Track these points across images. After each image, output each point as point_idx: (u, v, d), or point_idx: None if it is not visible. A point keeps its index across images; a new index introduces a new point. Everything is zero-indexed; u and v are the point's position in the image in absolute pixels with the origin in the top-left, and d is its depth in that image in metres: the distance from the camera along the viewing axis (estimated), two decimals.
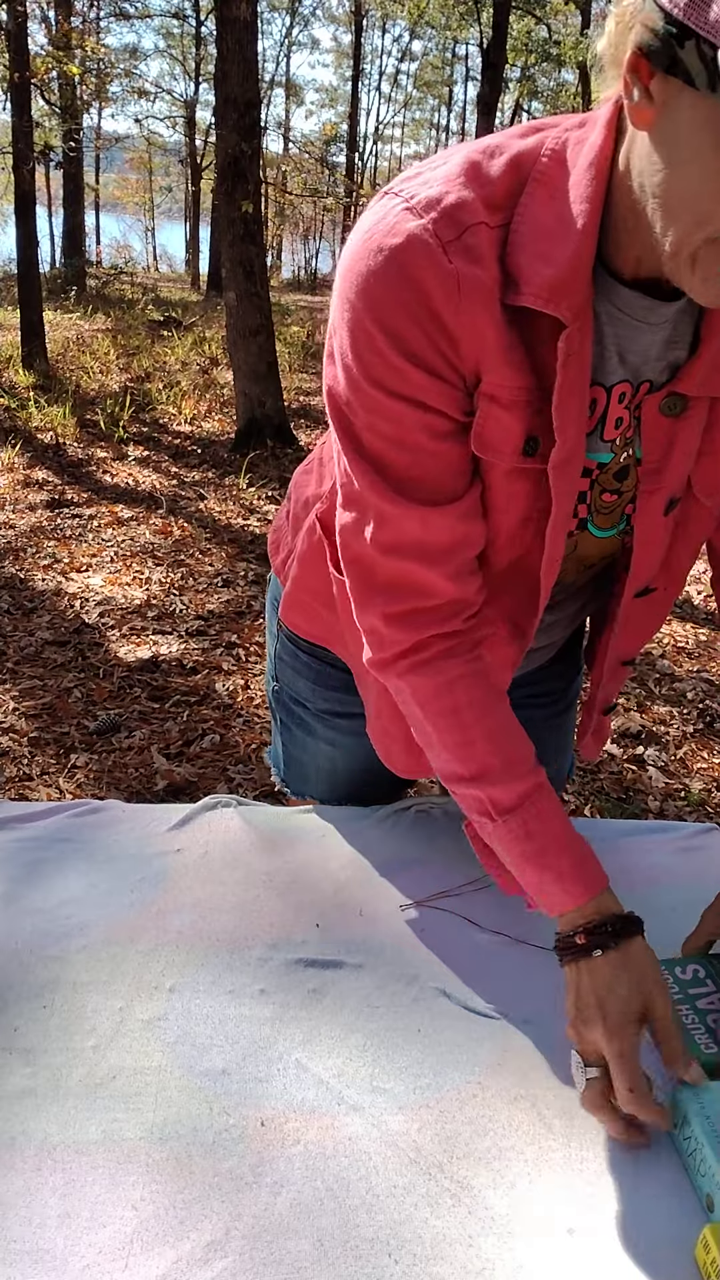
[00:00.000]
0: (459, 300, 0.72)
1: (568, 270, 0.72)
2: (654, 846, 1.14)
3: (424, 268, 0.72)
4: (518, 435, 0.79)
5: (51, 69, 9.41)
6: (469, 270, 0.72)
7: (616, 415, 0.83)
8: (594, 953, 0.82)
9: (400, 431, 0.79)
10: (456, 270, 0.72)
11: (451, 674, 0.87)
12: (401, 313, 0.73)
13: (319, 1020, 0.88)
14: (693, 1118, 0.75)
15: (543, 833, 0.86)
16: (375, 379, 0.77)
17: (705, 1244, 0.68)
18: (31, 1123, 0.78)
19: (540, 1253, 0.69)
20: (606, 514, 0.90)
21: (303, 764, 1.26)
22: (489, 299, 0.73)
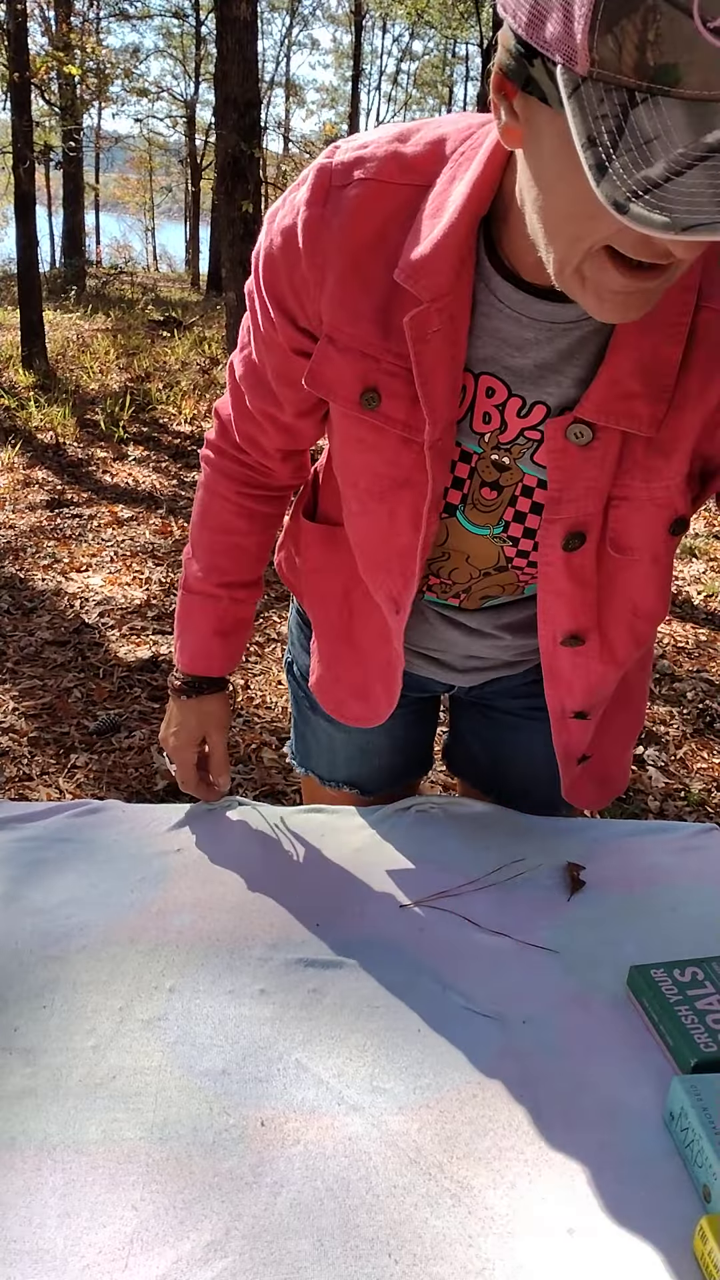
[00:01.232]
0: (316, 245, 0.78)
1: (432, 252, 0.74)
2: (654, 846, 1.14)
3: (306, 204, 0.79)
4: (352, 383, 0.83)
5: (51, 69, 9.41)
6: (335, 220, 0.77)
7: (484, 409, 0.83)
8: (181, 696, 1.15)
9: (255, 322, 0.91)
10: (322, 216, 0.78)
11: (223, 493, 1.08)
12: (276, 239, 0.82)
13: (319, 1020, 0.88)
14: (689, 1109, 0.76)
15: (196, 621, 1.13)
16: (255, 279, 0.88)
17: (702, 1234, 0.68)
18: (31, 1123, 0.78)
19: (540, 1253, 0.69)
20: (484, 510, 0.90)
21: (305, 738, 1.29)
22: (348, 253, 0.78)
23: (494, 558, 0.95)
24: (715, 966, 0.92)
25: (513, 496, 0.88)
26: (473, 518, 0.91)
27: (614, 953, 0.97)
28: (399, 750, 1.26)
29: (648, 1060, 0.85)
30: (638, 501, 0.84)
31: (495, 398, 0.82)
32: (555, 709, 1.04)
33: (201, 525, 1.11)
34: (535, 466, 0.86)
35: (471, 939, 0.98)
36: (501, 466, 0.87)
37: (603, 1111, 0.80)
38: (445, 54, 28.72)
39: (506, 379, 0.81)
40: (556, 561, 0.89)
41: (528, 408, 0.82)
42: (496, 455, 0.86)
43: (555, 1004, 0.91)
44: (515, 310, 0.78)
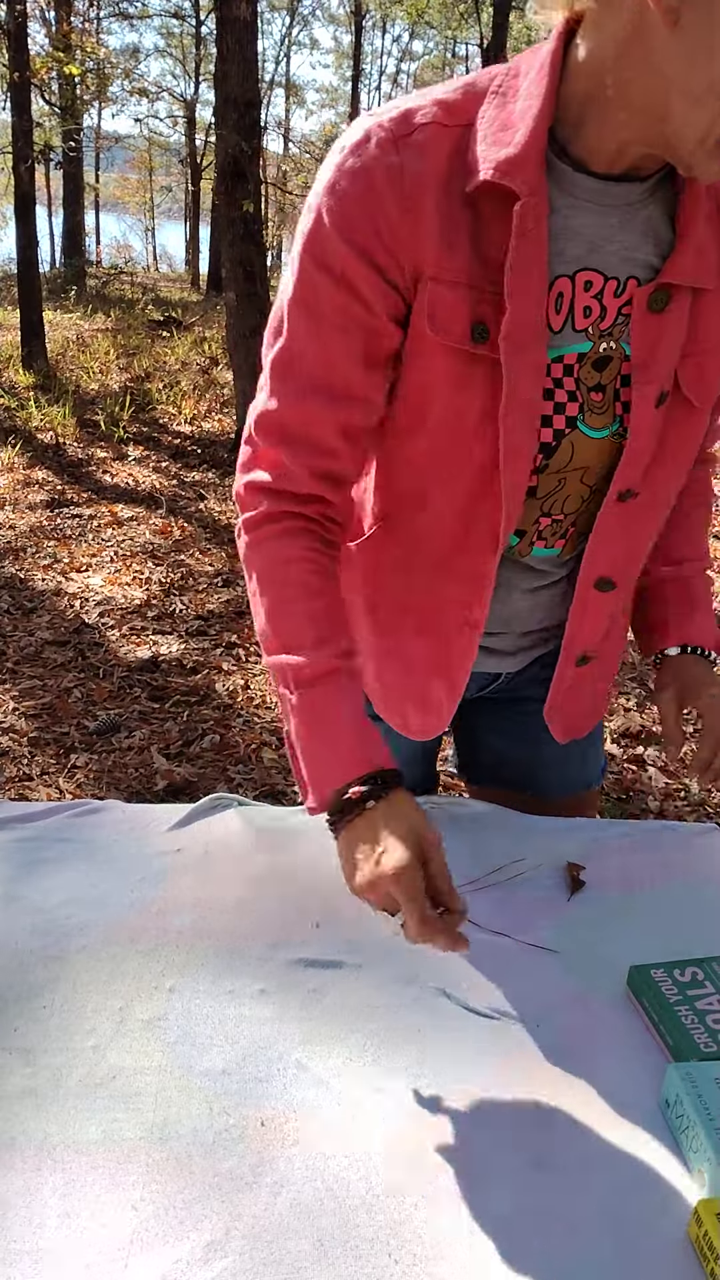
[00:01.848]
0: (402, 191, 0.80)
1: (520, 152, 0.79)
2: (654, 846, 1.14)
3: (373, 159, 0.80)
4: (464, 317, 0.83)
5: (51, 69, 9.41)
6: (413, 162, 0.80)
7: (584, 304, 0.86)
8: (367, 804, 0.82)
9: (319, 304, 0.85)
10: (401, 163, 0.79)
11: (295, 553, 0.91)
12: (349, 198, 0.81)
13: (319, 1020, 0.88)
14: (685, 1096, 0.76)
15: (333, 712, 0.86)
16: (315, 255, 0.84)
17: (697, 1219, 0.69)
18: (31, 1123, 0.78)
19: (540, 1253, 0.69)
20: (599, 413, 0.91)
21: None
22: (433, 189, 0.80)
23: (609, 463, 0.95)
24: (715, 966, 0.92)
25: (616, 391, 0.91)
26: (592, 423, 0.92)
27: (614, 953, 0.97)
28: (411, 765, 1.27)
29: (648, 1060, 0.85)
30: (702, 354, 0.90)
31: (593, 289, 0.86)
32: (585, 576, 1.02)
33: (281, 604, 0.90)
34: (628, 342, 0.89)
35: (471, 939, 0.98)
36: (602, 364, 0.89)
37: (602, 1111, 0.80)
38: (445, 54, 28.70)
39: (600, 267, 0.85)
40: (647, 417, 0.91)
41: (622, 286, 0.86)
42: (605, 346, 0.88)
43: (555, 1004, 0.91)
44: (594, 200, 0.83)
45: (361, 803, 0.83)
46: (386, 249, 0.82)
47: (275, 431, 0.90)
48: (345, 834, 0.84)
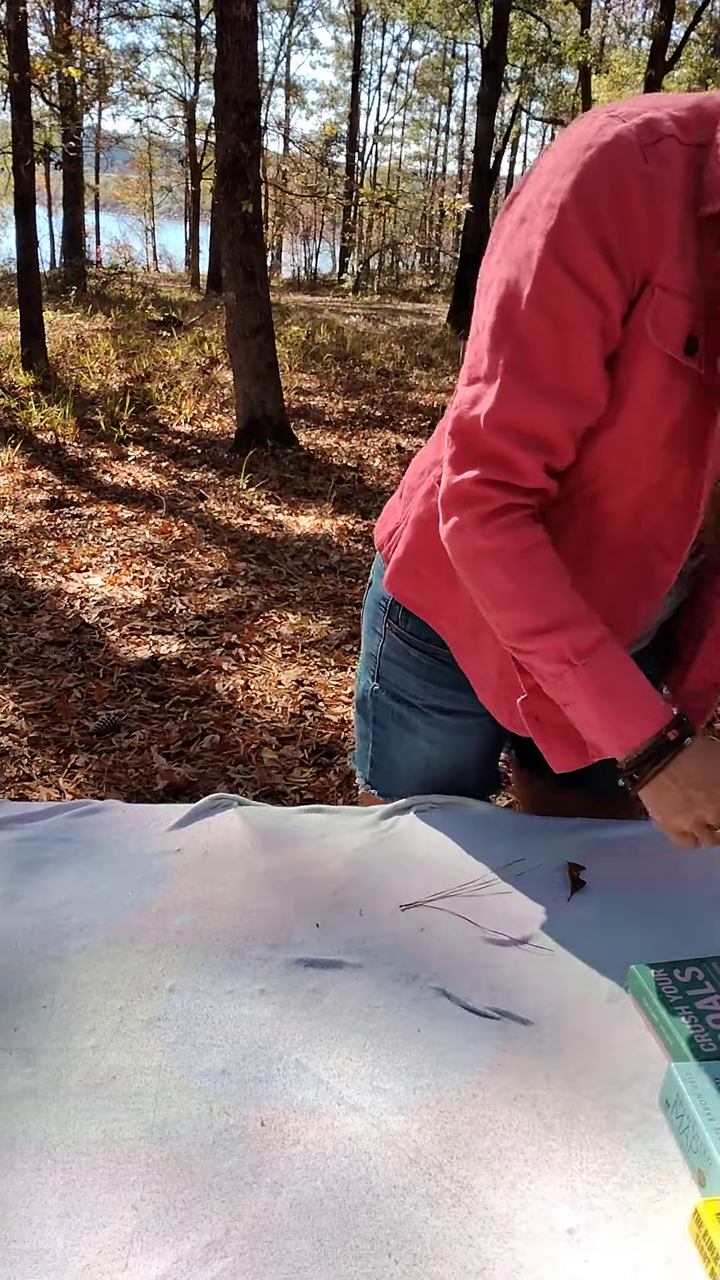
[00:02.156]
0: (650, 198, 0.81)
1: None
2: (654, 846, 1.14)
3: (625, 164, 0.81)
4: (683, 328, 0.85)
5: (51, 69, 9.41)
6: (661, 172, 0.81)
7: None
8: (685, 741, 0.92)
9: (561, 308, 0.86)
10: (651, 172, 0.81)
11: (536, 538, 0.94)
12: (600, 200, 0.82)
13: (319, 1020, 0.88)
14: (686, 1095, 0.76)
15: (621, 669, 0.93)
16: (559, 254, 0.84)
17: (697, 1218, 0.69)
18: (31, 1123, 0.78)
19: (540, 1253, 0.69)
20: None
21: (395, 763, 1.27)
22: (676, 201, 0.82)
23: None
24: (715, 966, 0.92)
25: None
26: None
27: (614, 953, 0.97)
28: (483, 764, 1.26)
29: (647, 1060, 0.85)
30: None
31: None
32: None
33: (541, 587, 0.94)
34: None
35: (471, 939, 0.98)
36: None
37: (602, 1111, 0.80)
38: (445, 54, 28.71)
39: None
40: None
41: None
42: None
43: (555, 1004, 0.91)
44: None
45: (679, 742, 0.92)
46: (628, 254, 0.83)
47: (507, 430, 0.91)
48: (666, 776, 0.92)
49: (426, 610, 1.15)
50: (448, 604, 1.12)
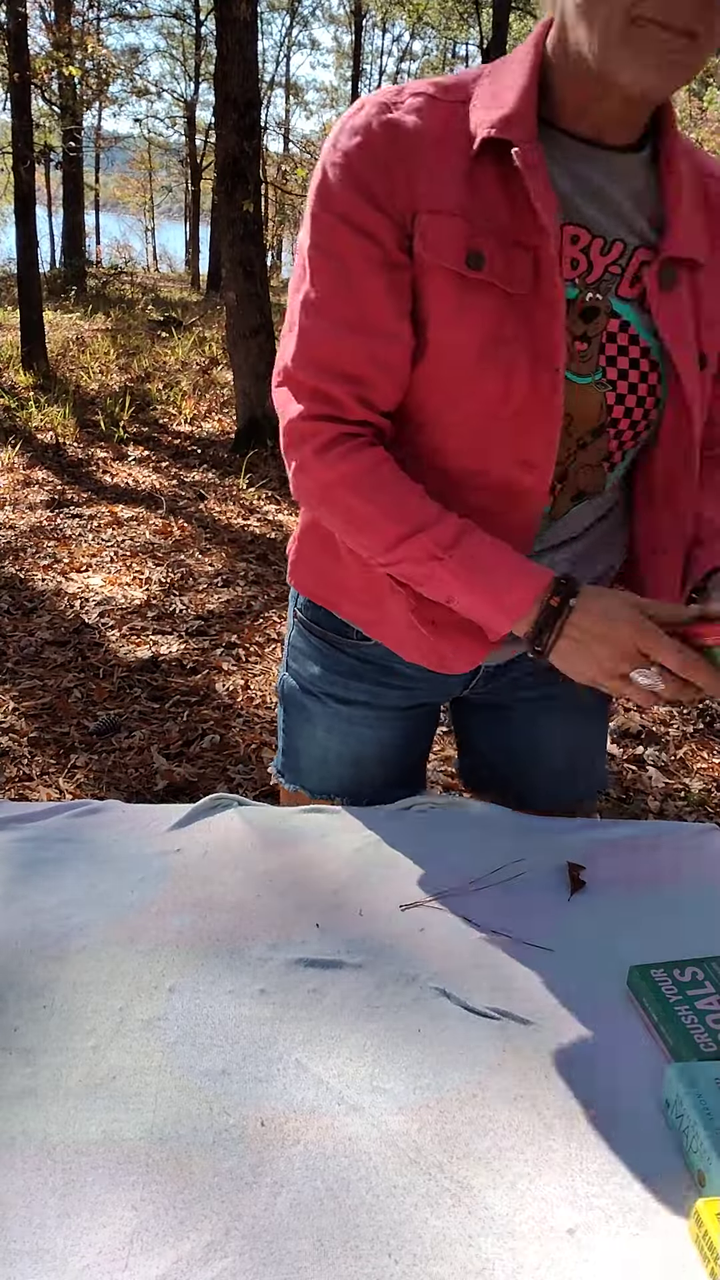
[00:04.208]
0: (397, 139, 0.90)
1: (514, 110, 0.89)
2: (654, 846, 1.14)
3: (370, 118, 0.91)
4: (459, 243, 0.90)
5: (52, 69, 9.41)
6: (407, 117, 0.90)
7: (571, 256, 0.93)
8: (570, 601, 0.93)
9: (339, 249, 0.93)
10: (396, 118, 0.90)
11: (377, 457, 0.98)
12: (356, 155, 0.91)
13: (319, 1020, 0.88)
14: (685, 1096, 0.76)
15: (488, 550, 0.96)
16: (328, 204, 0.93)
17: (697, 1219, 0.69)
18: (31, 1123, 0.78)
19: (540, 1253, 0.69)
20: (583, 360, 0.97)
21: (299, 752, 1.28)
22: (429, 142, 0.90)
23: (596, 413, 0.99)
24: (715, 966, 0.92)
25: (601, 345, 0.96)
26: (575, 369, 0.96)
27: (614, 953, 0.97)
28: (392, 763, 1.26)
29: (647, 1060, 0.85)
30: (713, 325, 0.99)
31: (579, 243, 0.93)
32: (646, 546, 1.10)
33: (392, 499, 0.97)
34: (620, 302, 0.95)
35: (471, 939, 0.99)
36: (590, 315, 0.95)
37: (603, 1111, 0.80)
38: (445, 54, 28.70)
39: (586, 224, 0.93)
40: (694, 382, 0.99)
41: (608, 246, 0.94)
42: (591, 297, 0.94)
43: (555, 1004, 0.91)
44: (578, 161, 0.92)
45: (565, 603, 0.93)
46: (388, 191, 0.90)
47: (313, 366, 0.96)
48: (565, 639, 0.94)
49: (330, 599, 1.15)
50: (347, 588, 1.12)
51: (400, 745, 1.25)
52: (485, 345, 0.93)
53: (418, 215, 0.90)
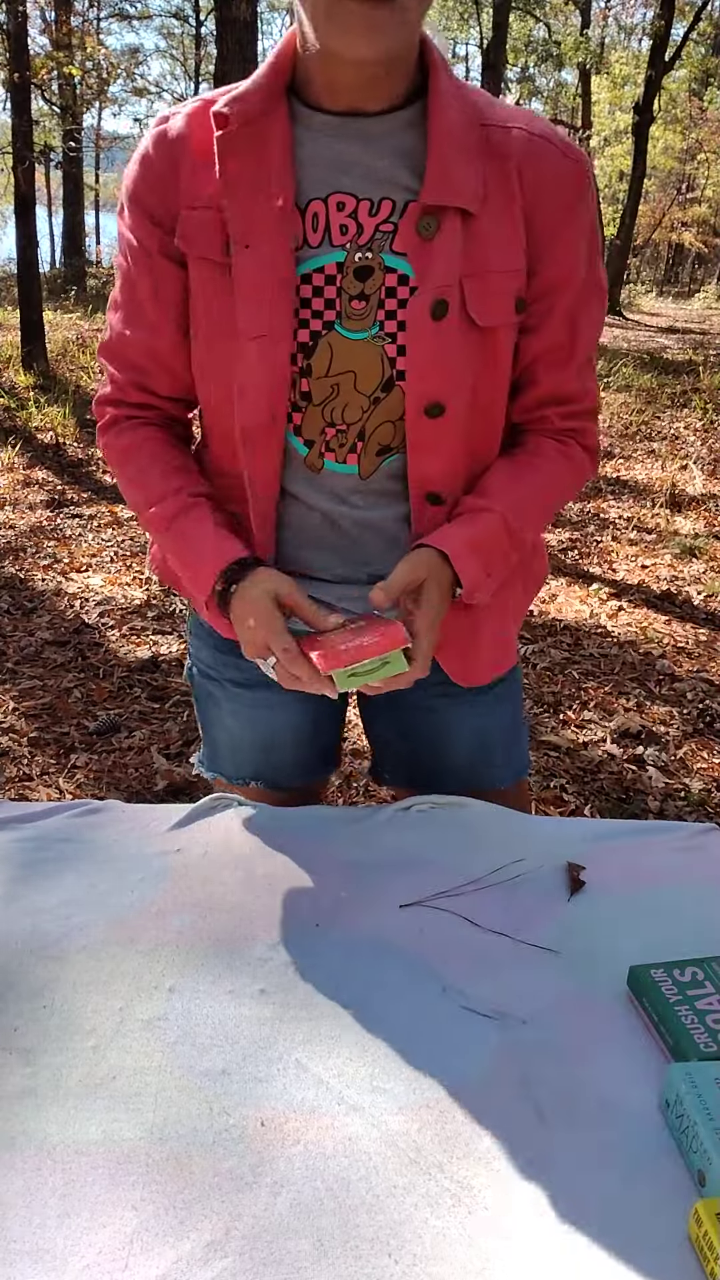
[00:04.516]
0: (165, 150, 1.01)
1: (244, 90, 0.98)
2: (654, 846, 1.14)
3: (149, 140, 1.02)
4: (214, 235, 0.99)
5: (52, 70, 9.41)
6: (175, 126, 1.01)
7: (340, 222, 0.98)
8: (232, 588, 1.02)
9: (126, 254, 1.06)
10: (163, 131, 1.01)
11: (143, 437, 1.11)
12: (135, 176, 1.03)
13: (319, 1020, 0.88)
14: (685, 1095, 0.76)
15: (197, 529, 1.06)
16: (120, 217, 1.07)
17: (697, 1218, 0.69)
18: (31, 1123, 0.78)
19: (540, 1253, 0.69)
20: (358, 318, 1.00)
21: (215, 740, 1.30)
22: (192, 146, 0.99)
23: (378, 369, 1.01)
24: (715, 966, 0.92)
25: (380, 300, 1.00)
26: (349, 326, 1.00)
27: (614, 953, 0.97)
28: (302, 744, 1.27)
29: (647, 1060, 0.85)
30: (486, 276, 0.98)
31: (346, 209, 0.98)
32: (416, 492, 1.07)
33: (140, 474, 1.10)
34: (395, 257, 0.98)
35: (471, 939, 0.99)
36: (364, 274, 0.99)
37: (602, 1111, 0.80)
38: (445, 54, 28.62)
39: (351, 189, 0.98)
40: (425, 332, 0.99)
41: (376, 206, 0.98)
42: (361, 256, 0.99)
43: (555, 1004, 0.91)
44: (334, 133, 0.97)
45: (227, 591, 1.02)
46: (159, 199, 1.01)
47: (107, 355, 1.12)
48: (230, 616, 1.03)
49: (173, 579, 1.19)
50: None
51: (308, 728, 1.26)
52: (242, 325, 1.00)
53: (179, 214, 1.00)
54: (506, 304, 1.00)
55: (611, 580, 4.31)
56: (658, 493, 5.68)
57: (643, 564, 4.54)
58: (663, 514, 5.33)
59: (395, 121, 0.98)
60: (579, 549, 4.74)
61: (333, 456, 1.06)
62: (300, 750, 1.27)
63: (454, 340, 0.99)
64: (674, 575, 4.39)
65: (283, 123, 0.98)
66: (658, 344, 13.18)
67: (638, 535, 4.97)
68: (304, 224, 0.99)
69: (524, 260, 1.00)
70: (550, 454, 1.10)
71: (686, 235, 30.29)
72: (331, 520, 1.09)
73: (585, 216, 1.01)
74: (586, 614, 3.88)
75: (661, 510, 5.39)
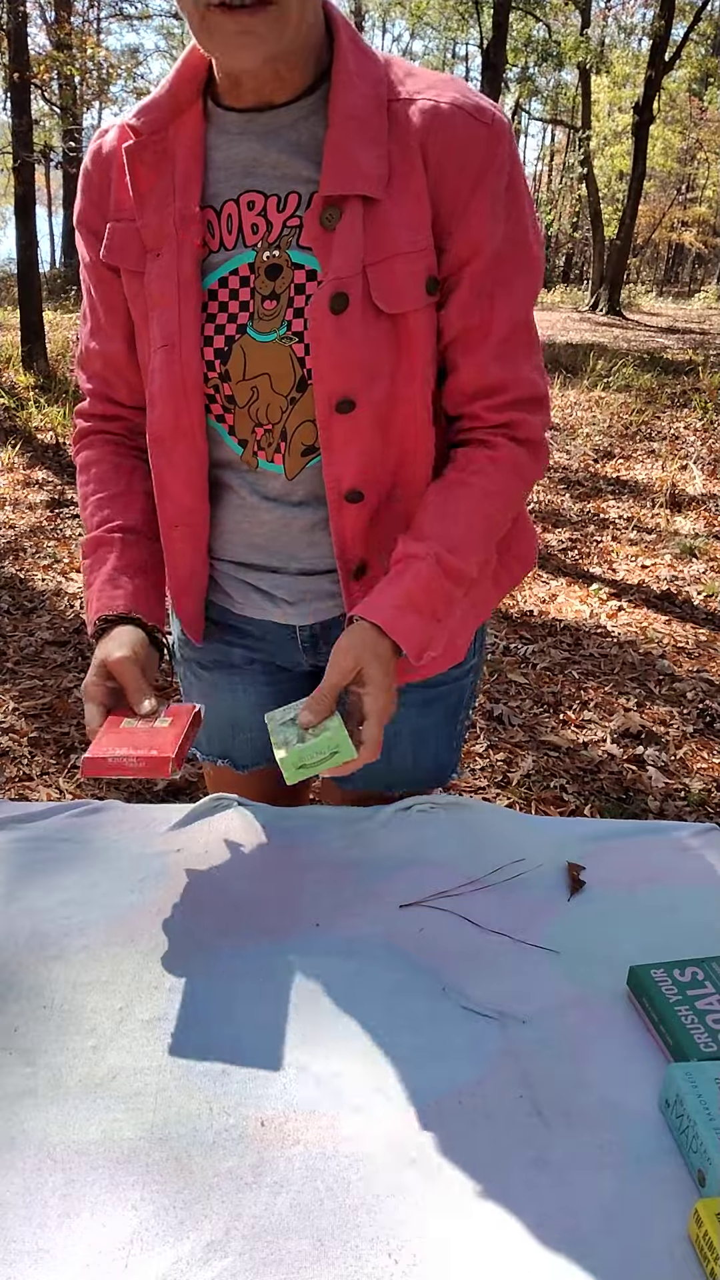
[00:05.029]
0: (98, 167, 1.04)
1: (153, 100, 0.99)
2: (654, 846, 1.14)
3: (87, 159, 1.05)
4: (137, 246, 1.01)
5: (52, 69, 9.41)
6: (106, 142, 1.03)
7: (251, 222, 0.98)
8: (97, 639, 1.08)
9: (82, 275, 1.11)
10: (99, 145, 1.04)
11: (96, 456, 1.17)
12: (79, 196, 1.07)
13: (319, 1020, 0.88)
14: (685, 1095, 0.76)
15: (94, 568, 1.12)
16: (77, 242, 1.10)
17: (697, 1218, 0.69)
18: (31, 1123, 0.78)
19: (540, 1252, 0.69)
20: (268, 319, 0.99)
21: None
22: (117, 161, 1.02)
23: (290, 370, 1.00)
24: (715, 966, 0.92)
25: (289, 299, 0.98)
26: (259, 328, 1.00)
27: (614, 953, 0.97)
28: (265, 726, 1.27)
29: (647, 1060, 0.85)
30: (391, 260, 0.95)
31: (256, 207, 0.98)
32: (332, 490, 1.03)
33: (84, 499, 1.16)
34: (302, 252, 0.97)
35: (471, 939, 0.99)
36: (274, 272, 0.98)
37: (602, 1111, 0.80)
38: (445, 54, 28.70)
39: (260, 187, 0.97)
40: (326, 327, 0.96)
41: (283, 201, 0.97)
42: (269, 255, 0.98)
43: (555, 1004, 0.91)
44: (242, 130, 0.97)
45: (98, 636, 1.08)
46: (98, 214, 1.04)
47: (77, 365, 1.17)
48: None
49: None
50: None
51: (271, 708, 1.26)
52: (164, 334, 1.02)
53: (107, 227, 1.03)
54: (416, 286, 0.96)
55: (611, 580, 4.31)
56: (658, 493, 5.68)
57: (643, 564, 4.54)
58: (663, 514, 5.33)
59: (299, 111, 0.95)
60: (579, 549, 4.74)
61: (264, 455, 1.05)
62: (263, 732, 1.26)
63: (357, 332, 0.95)
64: (674, 575, 4.39)
65: (192, 127, 0.98)
66: (658, 344, 13.18)
67: (638, 535, 4.97)
68: (219, 226, 0.98)
69: (430, 238, 0.95)
70: (480, 465, 1.03)
71: (686, 235, 30.31)
72: (260, 517, 1.09)
73: (494, 182, 0.94)
74: (586, 614, 3.88)
75: (661, 510, 5.39)
